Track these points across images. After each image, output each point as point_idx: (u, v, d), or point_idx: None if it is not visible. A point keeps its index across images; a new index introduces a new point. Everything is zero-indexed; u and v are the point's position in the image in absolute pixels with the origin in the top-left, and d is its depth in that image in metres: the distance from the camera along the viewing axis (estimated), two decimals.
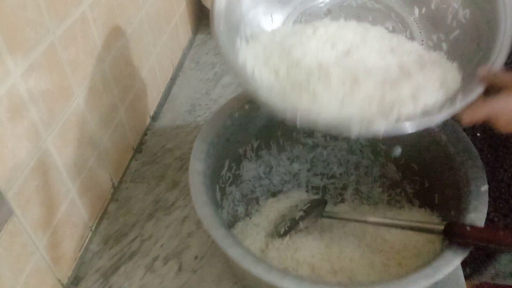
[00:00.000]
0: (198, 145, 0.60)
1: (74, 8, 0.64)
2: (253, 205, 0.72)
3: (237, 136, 0.66)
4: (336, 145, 0.74)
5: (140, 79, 0.88)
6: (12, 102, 0.52)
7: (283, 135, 0.71)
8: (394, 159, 0.70)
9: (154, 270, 0.67)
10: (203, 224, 0.51)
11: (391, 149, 0.68)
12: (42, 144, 0.58)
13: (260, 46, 0.57)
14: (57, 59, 0.60)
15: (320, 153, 0.74)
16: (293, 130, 0.71)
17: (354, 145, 0.73)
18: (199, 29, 1.23)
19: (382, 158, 0.72)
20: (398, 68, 0.54)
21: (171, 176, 0.82)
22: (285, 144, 0.72)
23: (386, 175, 0.72)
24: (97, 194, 0.74)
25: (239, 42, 0.56)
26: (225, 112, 0.64)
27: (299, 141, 0.73)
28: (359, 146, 0.73)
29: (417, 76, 0.52)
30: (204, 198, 0.54)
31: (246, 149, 0.69)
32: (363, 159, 0.74)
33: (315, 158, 0.75)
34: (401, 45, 0.59)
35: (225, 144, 0.63)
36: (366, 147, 0.73)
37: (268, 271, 0.47)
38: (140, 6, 0.87)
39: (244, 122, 0.66)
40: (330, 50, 0.56)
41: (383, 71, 0.53)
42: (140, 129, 0.90)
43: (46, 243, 0.60)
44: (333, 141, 0.73)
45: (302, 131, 0.72)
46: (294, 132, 0.72)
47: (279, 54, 0.54)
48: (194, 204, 0.53)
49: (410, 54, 0.57)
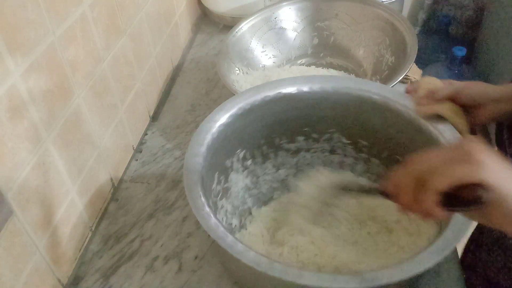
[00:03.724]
0: (190, 158, 0.60)
1: (74, 8, 0.64)
2: (246, 216, 0.72)
3: (223, 148, 0.66)
4: (318, 147, 0.75)
5: (140, 79, 0.88)
6: (12, 102, 0.52)
7: (266, 143, 0.72)
8: (376, 153, 0.71)
9: (154, 270, 0.67)
10: (211, 236, 0.51)
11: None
12: (42, 144, 0.59)
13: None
14: (57, 59, 0.60)
15: (304, 156, 0.75)
16: (275, 136, 0.72)
17: (335, 145, 0.74)
18: (199, 29, 1.23)
19: (364, 154, 0.73)
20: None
21: (171, 176, 0.82)
22: (269, 152, 0.73)
23: (370, 170, 0.73)
24: (97, 194, 0.74)
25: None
26: (210, 125, 0.65)
27: (282, 148, 0.74)
28: (341, 145, 0.74)
29: None
30: (207, 210, 0.54)
31: (233, 161, 0.69)
32: (346, 157, 0.75)
33: (300, 162, 0.76)
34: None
35: (212, 156, 0.64)
36: (347, 145, 0.73)
37: (285, 270, 0.47)
38: (140, 6, 0.87)
39: (228, 133, 0.66)
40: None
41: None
42: (140, 129, 0.90)
43: (46, 243, 0.60)
44: (315, 143, 0.74)
45: (283, 137, 0.73)
46: (277, 138, 0.73)
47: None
48: (197, 216, 0.52)
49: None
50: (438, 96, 0.62)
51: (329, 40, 1.02)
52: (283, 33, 1.02)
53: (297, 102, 0.70)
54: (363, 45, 0.98)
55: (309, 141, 0.74)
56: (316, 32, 1.02)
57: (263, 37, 0.99)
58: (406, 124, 0.65)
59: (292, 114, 0.71)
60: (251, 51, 0.98)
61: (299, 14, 1.02)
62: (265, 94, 0.69)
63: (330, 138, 0.73)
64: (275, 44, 1.01)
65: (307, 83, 0.70)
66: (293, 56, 1.03)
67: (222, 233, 0.51)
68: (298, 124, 0.72)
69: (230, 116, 0.66)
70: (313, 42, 1.03)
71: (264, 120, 0.70)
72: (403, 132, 0.66)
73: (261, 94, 0.69)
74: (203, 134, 0.63)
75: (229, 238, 0.50)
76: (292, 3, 1.01)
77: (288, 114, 0.71)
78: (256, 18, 0.98)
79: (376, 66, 0.94)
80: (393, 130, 0.67)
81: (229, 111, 0.66)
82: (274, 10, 1.00)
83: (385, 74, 0.90)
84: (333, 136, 0.73)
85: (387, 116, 0.67)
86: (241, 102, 0.68)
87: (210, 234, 0.51)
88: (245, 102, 0.68)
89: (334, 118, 0.71)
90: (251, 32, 0.98)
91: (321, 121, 0.72)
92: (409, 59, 0.81)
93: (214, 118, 0.65)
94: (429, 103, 0.62)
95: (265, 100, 0.69)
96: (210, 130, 0.64)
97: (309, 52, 1.03)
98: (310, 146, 0.74)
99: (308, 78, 0.72)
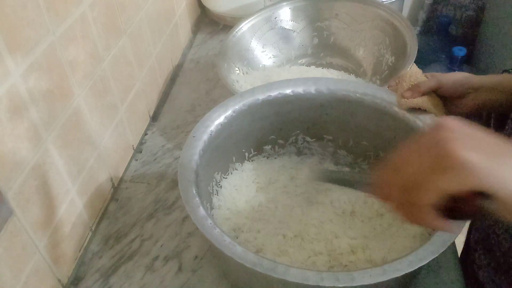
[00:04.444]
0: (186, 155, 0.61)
1: (74, 8, 0.64)
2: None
3: (221, 148, 0.67)
4: (285, 152, 0.76)
5: (140, 79, 0.88)
6: (12, 102, 0.52)
7: (236, 160, 0.73)
8: (342, 144, 0.73)
9: (154, 270, 0.67)
10: (211, 242, 0.51)
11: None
12: (42, 144, 0.59)
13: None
14: (57, 59, 0.60)
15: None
16: (245, 151, 0.73)
17: (301, 146, 0.76)
18: (199, 29, 1.23)
19: (331, 148, 0.75)
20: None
21: (171, 176, 0.82)
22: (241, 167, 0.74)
23: (340, 161, 0.75)
24: (97, 194, 0.74)
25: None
26: (208, 124, 0.67)
27: (252, 160, 0.75)
28: (306, 145, 0.75)
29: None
30: (202, 212, 0.54)
31: (233, 160, 0.71)
32: (313, 155, 0.76)
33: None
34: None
35: (211, 155, 0.65)
36: (313, 143, 0.75)
37: (288, 271, 0.47)
38: (140, 6, 0.87)
39: (225, 133, 0.68)
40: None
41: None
42: (140, 129, 0.90)
43: (46, 243, 0.60)
44: (282, 149, 0.76)
45: (252, 149, 0.74)
46: (246, 153, 0.74)
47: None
48: (194, 221, 0.53)
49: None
50: (421, 89, 0.64)
51: (329, 40, 1.02)
52: (283, 33, 1.02)
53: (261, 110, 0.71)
54: (363, 45, 0.98)
55: (276, 148, 0.76)
56: (316, 32, 1.02)
57: (263, 37, 1.00)
58: (369, 110, 0.68)
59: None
60: (251, 51, 0.98)
61: (299, 14, 1.02)
62: (268, 94, 0.70)
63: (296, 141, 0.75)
64: (275, 44, 1.01)
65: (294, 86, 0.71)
66: (293, 56, 1.03)
67: (210, 225, 0.52)
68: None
69: (225, 117, 0.68)
70: (313, 42, 1.03)
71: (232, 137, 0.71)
72: (365, 118, 0.69)
73: (263, 95, 0.70)
74: (200, 133, 0.65)
75: (216, 230, 0.52)
76: (292, 3, 1.01)
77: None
78: (256, 18, 0.98)
79: (376, 66, 0.94)
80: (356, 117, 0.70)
81: (224, 113, 0.68)
82: (274, 10, 1.00)
83: (385, 74, 0.90)
84: (298, 137, 0.75)
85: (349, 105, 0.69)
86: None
87: (196, 224, 0.52)
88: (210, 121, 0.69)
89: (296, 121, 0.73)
90: (251, 32, 0.98)
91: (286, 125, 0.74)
92: (409, 59, 0.81)
93: (212, 117, 0.67)
94: (412, 96, 0.64)
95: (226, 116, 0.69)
96: (208, 128, 0.65)
97: (309, 52, 1.03)
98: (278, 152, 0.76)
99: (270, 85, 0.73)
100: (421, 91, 0.64)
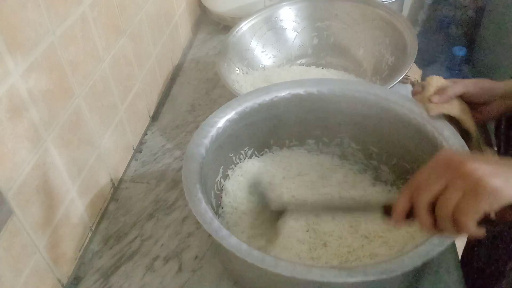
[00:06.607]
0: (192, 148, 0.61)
1: (74, 8, 0.64)
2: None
3: (229, 144, 0.67)
4: (328, 151, 0.75)
5: (140, 79, 0.88)
6: (12, 102, 0.52)
7: (275, 144, 0.72)
8: (386, 160, 0.71)
9: (154, 270, 0.67)
10: (215, 238, 0.51)
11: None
12: (42, 144, 0.59)
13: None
14: (57, 59, 0.60)
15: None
16: (285, 138, 0.72)
17: (346, 150, 0.74)
18: (199, 29, 1.23)
19: (374, 161, 0.73)
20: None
21: (171, 176, 0.82)
22: (279, 152, 0.73)
23: (380, 177, 0.73)
24: (97, 194, 0.74)
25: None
26: (215, 120, 0.66)
27: (292, 149, 0.74)
28: (351, 151, 0.74)
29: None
30: (206, 210, 0.54)
31: (240, 157, 0.70)
32: (356, 163, 0.75)
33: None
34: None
35: (217, 150, 0.64)
36: (358, 151, 0.73)
37: (291, 267, 0.48)
38: (140, 6, 0.87)
39: (235, 130, 0.67)
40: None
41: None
42: (140, 129, 0.90)
43: (46, 243, 0.60)
44: (325, 147, 0.74)
45: (294, 138, 0.74)
46: (287, 140, 0.72)
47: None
48: (197, 218, 0.53)
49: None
50: (449, 93, 0.62)
51: (329, 40, 1.02)
52: (283, 33, 1.02)
53: (308, 104, 0.71)
54: (363, 45, 0.98)
55: (320, 145, 0.74)
56: (316, 32, 1.02)
57: (263, 37, 1.00)
58: (412, 130, 0.65)
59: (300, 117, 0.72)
60: (251, 51, 0.98)
61: (299, 14, 1.02)
62: (275, 95, 0.70)
63: (341, 143, 0.74)
64: (275, 44, 1.01)
65: (316, 85, 0.71)
66: (293, 56, 1.03)
67: (210, 218, 0.53)
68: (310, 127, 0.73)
69: (236, 113, 0.67)
70: (313, 42, 1.03)
71: (273, 121, 0.71)
72: (408, 138, 0.66)
73: (270, 95, 0.70)
74: (208, 128, 0.64)
75: (215, 223, 0.52)
76: (292, 3, 1.01)
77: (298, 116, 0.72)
78: (256, 18, 0.98)
79: (376, 66, 0.94)
80: (400, 135, 0.68)
81: (235, 109, 0.67)
82: (274, 10, 1.00)
83: (385, 74, 0.90)
84: (343, 141, 0.73)
85: (394, 121, 0.67)
86: (249, 101, 0.68)
87: (198, 218, 0.52)
88: (253, 101, 0.69)
89: (342, 123, 0.72)
90: (251, 32, 0.98)
91: (332, 125, 0.73)
92: (409, 59, 0.81)
93: (220, 115, 0.66)
94: (440, 101, 0.63)
95: (273, 100, 0.69)
96: (216, 124, 0.65)
97: (309, 52, 1.03)
98: (320, 149, 0.75)
99: (317, 81, 0.72)
100: (448, 95, 0.62)
